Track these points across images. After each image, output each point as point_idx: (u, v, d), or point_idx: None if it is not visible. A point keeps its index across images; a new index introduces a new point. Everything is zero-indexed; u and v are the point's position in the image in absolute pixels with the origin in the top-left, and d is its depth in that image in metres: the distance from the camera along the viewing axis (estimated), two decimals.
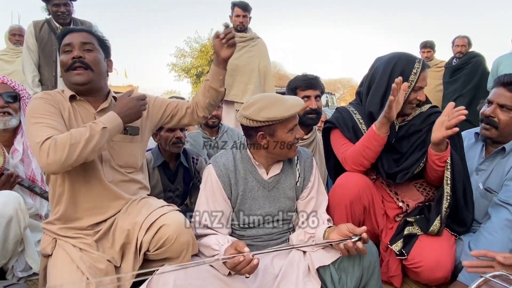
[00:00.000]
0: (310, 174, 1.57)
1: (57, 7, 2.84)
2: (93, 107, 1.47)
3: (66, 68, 1.40)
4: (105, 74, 1.52)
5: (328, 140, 1.88)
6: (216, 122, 2.60)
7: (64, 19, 2.90)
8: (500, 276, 0.94)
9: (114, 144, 1.46)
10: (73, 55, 1.39)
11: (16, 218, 1.46)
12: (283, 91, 2.51)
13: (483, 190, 1.70)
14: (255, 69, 3.76)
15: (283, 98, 1.41)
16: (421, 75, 1.61)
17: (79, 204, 1.40)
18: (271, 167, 1.53)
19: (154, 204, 1.40)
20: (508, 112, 1.62)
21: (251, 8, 3.72)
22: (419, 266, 1.53)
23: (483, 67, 4.28)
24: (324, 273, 1.38)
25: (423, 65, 1.62)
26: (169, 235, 1.28)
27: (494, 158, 1.71)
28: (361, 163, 1.63)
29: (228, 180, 1.48)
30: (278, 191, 1.52)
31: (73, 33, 1.45)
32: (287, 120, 1.39)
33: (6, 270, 1.61)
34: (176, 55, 20.49)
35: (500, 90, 1.65)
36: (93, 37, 1.47)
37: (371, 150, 1.58)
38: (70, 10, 2.92)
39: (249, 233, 1.51)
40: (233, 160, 1.51)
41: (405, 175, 1.61)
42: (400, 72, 1.59)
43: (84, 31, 1.47)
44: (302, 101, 1.46)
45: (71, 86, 1.43)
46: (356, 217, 1.65)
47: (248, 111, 1.38)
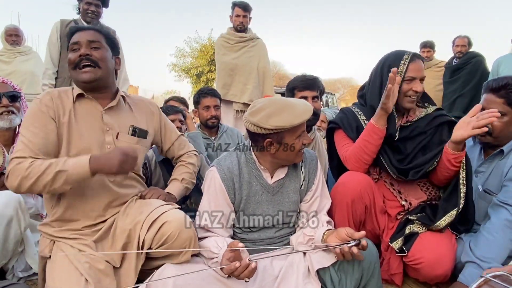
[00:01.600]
0: (314, 177, 1.55)
1: (89, 6, 2.95)
2: (101, 105, 1.47)
3: (74, 66, 1.42)
4: (113, 72, 1.53)
5: (332, 140, 1.90)
6: (216, 122, 2.60)
7: (92, 18, 2.98)
8: (501, 276, 0.94)
9: (119, 144, 1.46)
10: (80, 53, 1.40)
11: (16, 218, 1.47)
12: (282, 91, 2.51)
13: (482, 191, 1.71)
14: (254, 69, 3.76)
15: (291, 103, 1.36)
16: (410, 65, 1.64)
17: (79, 205, 1.40)
18: (276, 172, 1.51)
19: (154, 203, 1.40)
20: (500, 118, 1.61)
21: (251, 8, 3.73)
22: (419, 262, 1.53)
23: (483, 67, 4.28)
24: (324, 275, 1.38)
25: (412, 56, 1.65)
26: (171, 232, 1.29)
27: (492, 160, 1.72)
28: (362, 158, 1.65)
29: (232, 184, 1.45)
30: (282, 195, 1.51)
31: (81, 31, 1.47)
32: (296, 127, 1.35)
33: (6, 270, 1.61)
34: (176, 55, 20.52)
35: (490, 97, 1.66)
36: (100, 34, 1.49)
37: (371, 143, 1.62)
38: (99, 12, 3.01)
39: (251, 236, 1.50)
40: (237, 163, 1.48)
41: (418, 172, 1.62)
42: (388, 65, 1.66)
43: (91, 29, 1.49)
44: (310, 106, 1.41)
45: (79, 84, 1.44)
46: (357, 216, 1.65)
47: (256, 118, 1.33)
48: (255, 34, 3.86)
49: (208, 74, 19.11)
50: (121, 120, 1.50)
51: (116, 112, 1.50)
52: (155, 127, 1.65)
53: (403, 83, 1.64)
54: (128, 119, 1.53)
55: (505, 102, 1.62)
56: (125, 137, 1.48)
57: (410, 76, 1.65)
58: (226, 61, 3.74)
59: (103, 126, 1.44)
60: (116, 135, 1.46)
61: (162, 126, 1.69)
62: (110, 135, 1.45)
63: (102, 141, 1.43)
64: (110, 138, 1.44)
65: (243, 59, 3.74)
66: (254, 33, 3.86)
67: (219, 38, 3.88)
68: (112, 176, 1.43)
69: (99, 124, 1.44)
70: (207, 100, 2.57)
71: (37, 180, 1.22)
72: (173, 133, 1.73)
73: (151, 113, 1.64)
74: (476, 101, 3.95)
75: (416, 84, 1.65)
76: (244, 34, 3.76)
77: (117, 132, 1.47)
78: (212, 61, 18.59)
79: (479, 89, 4.12)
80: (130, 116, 1.55)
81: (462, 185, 1.58)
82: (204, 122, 2.61)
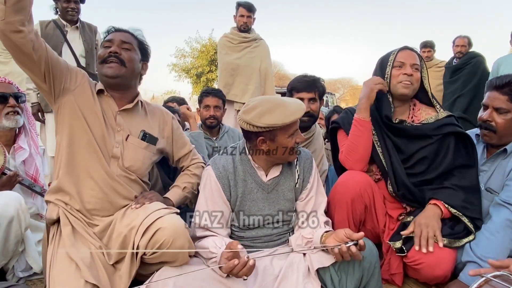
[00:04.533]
0: (309, 175, 1.57)
1: (68, 3, 2.94)
2: (117, 105, 1.50)
3: (101, 61, 1.46)
4: (137, 75, 1.58)
5: (335, 140, 1.93)
6: (214, 122, 2.59)
7: (73, 15, 2.97)
8: (501, 276, 0.94)
9: (127, 146, 1.49)
10: (110, 50, 1.45)
11: (17, 219, 1.47)
12: (283, 91, 2.52)
13: (485, 190, 1.70)
14: (256, 69, 3.77)
15: (284, 102, 1.39)
16: (399, 53, 1.72)
17: (84, 194, 1.42)
18: (270, 170, 1.53)
19: (151, 207, 1.39)
20: (504, 115, 1.63)
21: (255, 9, 3.75)
22: (419, 263, 1.53)
23: (483, 67, 4.27)
24: (324, 274, 1.38)
25: (402, 48, 1.73)
26: (165, 239, 1.27)
27: (495, 159, 1.71)
28: (354, 153, 1.69)
29: (228, 182, 1.48)
30: (277, 193, 1.52)
31: (117, 32, 1.53)
32: (288, 126, 1.38)
33: (7, 270, 1.61)
34: (176, 55, 20.52)
35: (494, 94, 1.66)
36: (134, 39, 1.55)
37: (358, 136, 1.69)
38: (78, 8, 3.01)
39: (249, 234, 1.51)
40: (232, 162, 1.51)
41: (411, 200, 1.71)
42: (382, 60, 1.78)
43: (127, 32, 1.55)
44: (303, 105, 1.43)
45: (102, 78, 1.49)
46: (357, 215, 1.65)
47: (249, 116, 1.36)
48: (258, 35, 3.87)
49: (208, 74, 19.11)
50: (133, 123, 1.53)
51: (130, 115, 1.53)
52: (167, 136, 1.66)
53: (393, 69, 1.71)
54: (141, 124, 1.56)
55: (508, 99, 1.62)
56: (135, 140, 1.51)
57: (399, 62, 1.70)
58: (229, 61, 3.76)
59: (115, 126, 1.48)
60: (126, 137, 1.49)
61: (174, 137, 1.69)
62: (120, 136, 1.48)
63: (112, 137, 1.46)
64: (119, 138, 1.48)
65: (245, 60, 3.75)
66: (257, 33, 3.88)
67: (222, 38, 3.89)
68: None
69: (111, 123, 1.48)
70: (208, 99, 2.58)
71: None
72: (185, 146, 1.74)
73: (164, 122, 1.66)
74: (476, 101, 3.97)
75: (406, 68, 1.68)
76: (248, 34, 3.78)
77: (127, 134, 1.50)
78: (213, 61, 18.59)
79: (479, 89, 4.15)
80: (144, 121, 1.57)
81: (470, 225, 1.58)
82: (203, 121, 2.62)
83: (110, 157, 1.45)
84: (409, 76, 1.67)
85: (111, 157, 1.46)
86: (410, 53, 1.71)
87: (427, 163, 1.69)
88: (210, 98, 2.58)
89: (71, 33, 2.98)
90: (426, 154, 1.69)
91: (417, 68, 1.71)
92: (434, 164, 1.70)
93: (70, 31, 2.99)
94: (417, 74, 1.71)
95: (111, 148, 1.45)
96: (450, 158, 1.68)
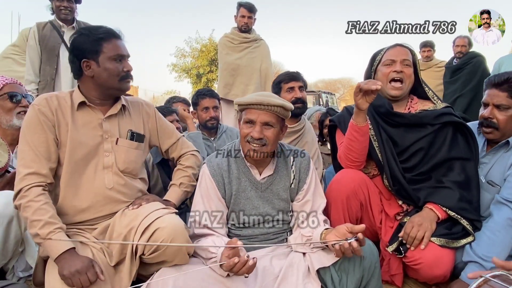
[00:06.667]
0: (306, 177, 1.57)
1: (60, 2, 2.93)
2: (102, 113, 1.49)
3: (121, 78, 1.46)
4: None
5: (334, 139, 1.92)
6: (215, 123, 2.59)
7: (66, 14, 2.96)
8: (500, 276, 0.94)
9: (119, 149, 1.49)
10: (128, 68, 1.48)
11: (17, 219, 1.47)
12: None
13: (486, 183, 1.70)
14: (256, 70, 3.78)
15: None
16: (388, 51, 1.71)
17: (83, 217, 1.43)
18: (264, 169, 1.54)
19: (150, 207, 1.40)
20: (505, 111, 1.64)
21: (256, 9, 3.76)
22: (418, 263, 1.53)
23: (484, 67, 4.27)
24: (324, 274, 1.38)
25: (392, 45, 1.72)
26: (163, 239, 1.27)
27: (497, 152, 1.71)
28: (350, 155, 1.67)
29: (222, 179, 1.50)
30: (271, 192, 1.53)
31: (119, 39, 1.48)
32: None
33: (7, 270, 1.61)
34: (176, 55, 20.50)
35: (493, 91, 1.67)
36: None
37: (353, 141, 1.64)
38: (72, 7, 2.99)
39: (245, 232, 1.52)
40: (227, 160, 1.53)
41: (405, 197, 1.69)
42: (373, 58, 1.77)
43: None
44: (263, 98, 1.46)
45: (116, 92, 1.50)
46: (353, 213, 1.65)
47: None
48: (258, 35, 3.89)
49: (208, 75, 19.09)
50: (120, 125, 1.53)
51: (116, 118, 1.52)
52: (151, 128, 1.66)
53: (382, 67, 1.70)
54: (127, 123, 1.55)
55: (508, 95, 1.63)
56: (125, 142, 1.51)
57: (388, 60, 1.69)
58: (229, 61, 3.77)
59: (103, 134, 1.47)
60: (116, 141, 1.49)
61: (158, 128, 1.68)
62: (109, 143, 1.47)
63: (101, 148, 1.46)
64: (109, 146, 1.47)
65: (245, 60, 3.76)
66: (258, 34, 3.89)
67: (223, 38, 3.90)
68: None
69: (99, 132, 1.46)
70: (205, 101, 2.56)
71: (24, 217, 1.31)
72: (172, 135, 1.73)
73: (146, 115, 1.65)
74: (477, 101, 3.96)
75: (395, 66, 1.67)
76: (248, 35, 3.79)
77: (116, 138, 1.49)
78: (213, 61, 18.57)
79: (480, 89, 4.13)
80: (128, 120, 1.57)
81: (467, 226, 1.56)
82: (203, 124, 2.59)
83: (103, 169, 1.45)
84: (399, 73, 1.66)
85: (103, 169, 1.45)
86: (399, 49, 1.69)
87: (422, 154, 1.67)
88: (208, 100, 2.56)
89: (68, 33, 2.98)
90: (422, 146, 1.67)
91: (408, 64, 1.69)
92: (428, 154, 1.67)
93: (67, 32, 2.99)
94: (409, 70, 1.69)
95: (102, 159, 1.45)
96: (445, 150, 1.66)
